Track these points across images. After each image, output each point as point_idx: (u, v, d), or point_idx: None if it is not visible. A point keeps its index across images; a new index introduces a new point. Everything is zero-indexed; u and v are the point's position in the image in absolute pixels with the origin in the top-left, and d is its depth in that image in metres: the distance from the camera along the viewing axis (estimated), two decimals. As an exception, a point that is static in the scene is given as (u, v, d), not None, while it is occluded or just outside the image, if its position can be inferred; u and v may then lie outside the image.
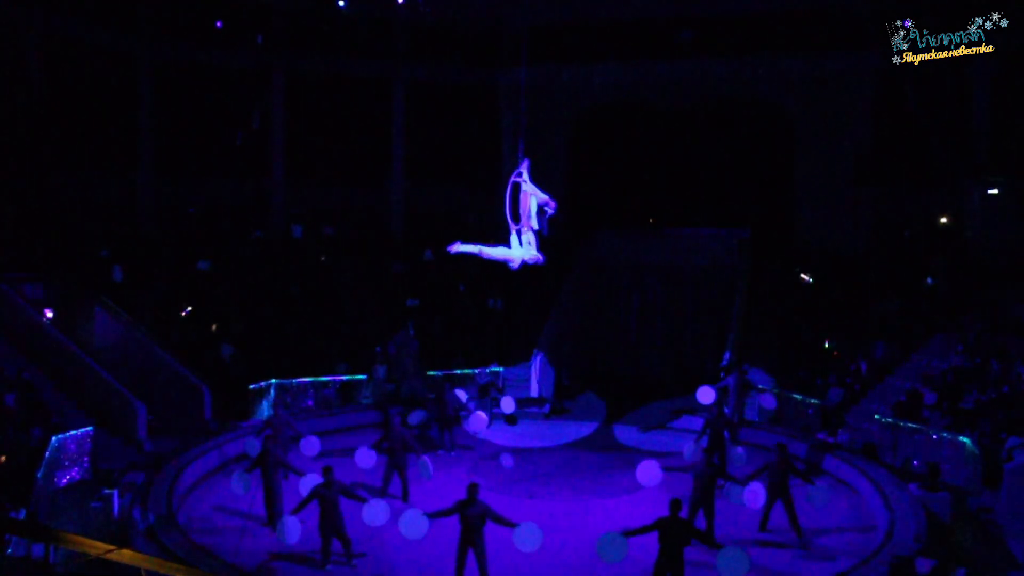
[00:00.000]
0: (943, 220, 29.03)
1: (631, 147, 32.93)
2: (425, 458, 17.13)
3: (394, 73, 32.68)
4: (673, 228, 30.43)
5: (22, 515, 14.01)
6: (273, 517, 15.06)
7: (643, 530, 12.36)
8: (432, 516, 13.05)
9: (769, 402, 20.47)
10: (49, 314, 21.79)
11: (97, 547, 6.98)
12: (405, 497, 16.71)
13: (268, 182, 31.71)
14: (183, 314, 24.45)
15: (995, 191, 27.22)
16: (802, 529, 14.83)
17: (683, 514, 12.87)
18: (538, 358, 25.20)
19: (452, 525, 13.00)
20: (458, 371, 24.94)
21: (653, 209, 32.72)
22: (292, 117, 31.83)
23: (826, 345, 24.14)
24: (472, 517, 12.73)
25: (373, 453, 17.14)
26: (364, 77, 32.39)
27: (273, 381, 22.38)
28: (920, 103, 28.67)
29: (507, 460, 17.97)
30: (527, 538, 12.67)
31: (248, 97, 31.55)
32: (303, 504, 13.96)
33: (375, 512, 13.79)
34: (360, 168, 32.95)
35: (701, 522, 14.58)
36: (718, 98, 31.74)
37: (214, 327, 24.63)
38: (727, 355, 24.57)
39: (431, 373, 24.66)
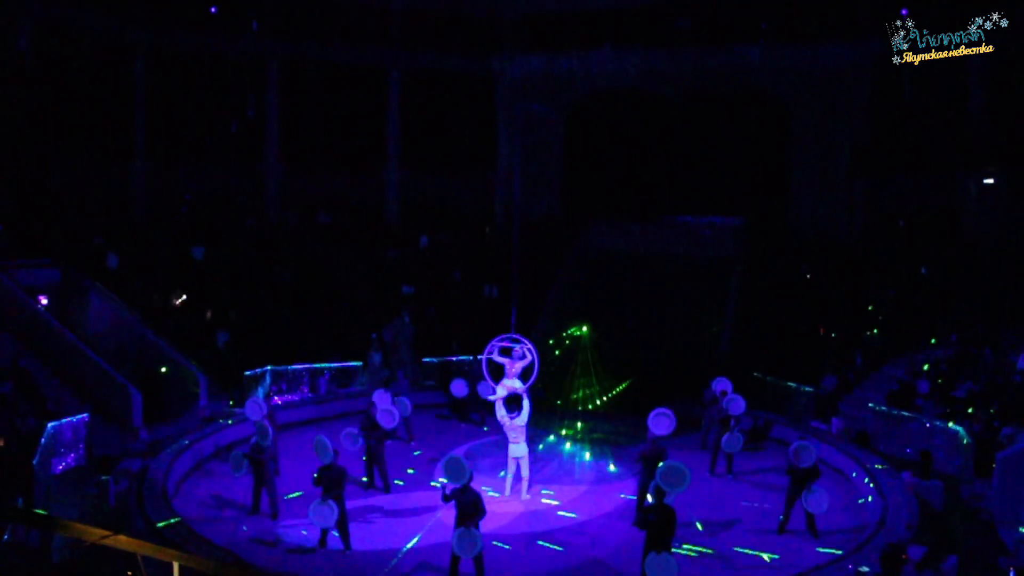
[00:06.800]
0: (939, 209, 29.08)
1: (627, 136, 32.87)
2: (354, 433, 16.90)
3: (390, 61, 32.57)
4: (669, 217, 30.41)
5: (19, 503, 14.03)
6: (273, 508, 15.23)
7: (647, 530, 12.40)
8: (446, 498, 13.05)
9: None
10: (44, 301, 21.75)
11: (93, 533, 7.00)
12: (387, 488, 16.75)
13: (263, 170, 31.61)
14: (177, 302, 24.42)
15: (991, 181, 27.24)
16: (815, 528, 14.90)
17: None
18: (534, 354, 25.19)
19: (448, 513, 13.06)
20: (454, 358, 24.95)
21: (649, 198, 32.67)
22: (287, 105, 31.73)
23: (821, 333, 24.21)
24: (467, 504, 12.78)
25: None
26: (360, 65, 32.28)
27: (268, 368, 22.38)
28: (917, 93, 28.67)
29: None
30: (465, 545, 12.50)
31: (243, 85, 31.45)
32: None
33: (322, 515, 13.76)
34: (355, 156, 32.87)
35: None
36: (715, 87, 31.68)
37: (209, 314, 24.61)
38: (723, 346, 24.64)
39: (426, 360, 24.70)
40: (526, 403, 16.68)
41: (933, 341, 22.30)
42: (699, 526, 14.98)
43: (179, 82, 30.21)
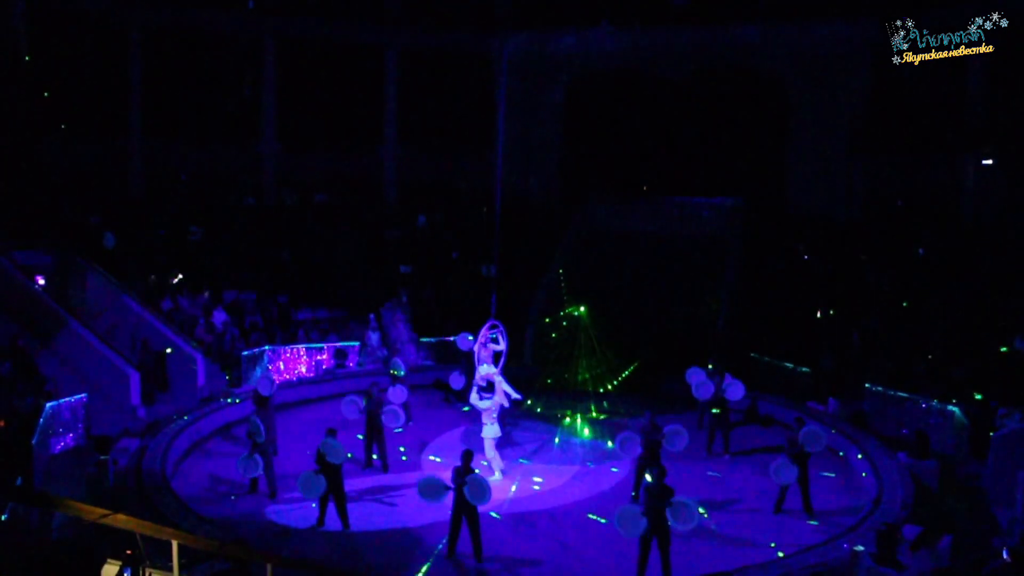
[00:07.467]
0: (937, 190, 29.05)
1: (626, 115, 32.76)
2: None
3: (387, 39, 32.41)
4: (667, 197, 30.37)
5: (18, 482, 14.08)
6: (271, 488, 15.33)
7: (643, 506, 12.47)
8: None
9: None
10: (41, 281, 21.71)
11: (92, 512, 7.05)
12: (385, 467, 16.81)
13: (260, 149, 31.52)
14: (174, 281, 24.40)
15: (989, 161, 27.18)
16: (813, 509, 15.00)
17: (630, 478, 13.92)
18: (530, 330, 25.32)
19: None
20: (451, 338, 24.95)
21: (647, 177, 32.64)
22: (284, 83, 31.58)
23: (818, 315, 24.24)
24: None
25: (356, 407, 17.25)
26: (357, 43, 32.11)
27: (266, 348, 22.41)
28: (915, 73, 28.54)
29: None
30: (477, 492, 12.74)
31: (239, 63, 31.31)
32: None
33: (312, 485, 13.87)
34: (353, 135, 32.76)
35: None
36: (713, 66, 31.55)
37: (207, 294, 24.60)
38: (720, 326, 24.68)
39: (424, 340, 24.73)
40: (503, 386, 16.81)
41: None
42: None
43: (175, 60, 30.06)
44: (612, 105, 32.88)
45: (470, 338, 19.19)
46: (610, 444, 18.52)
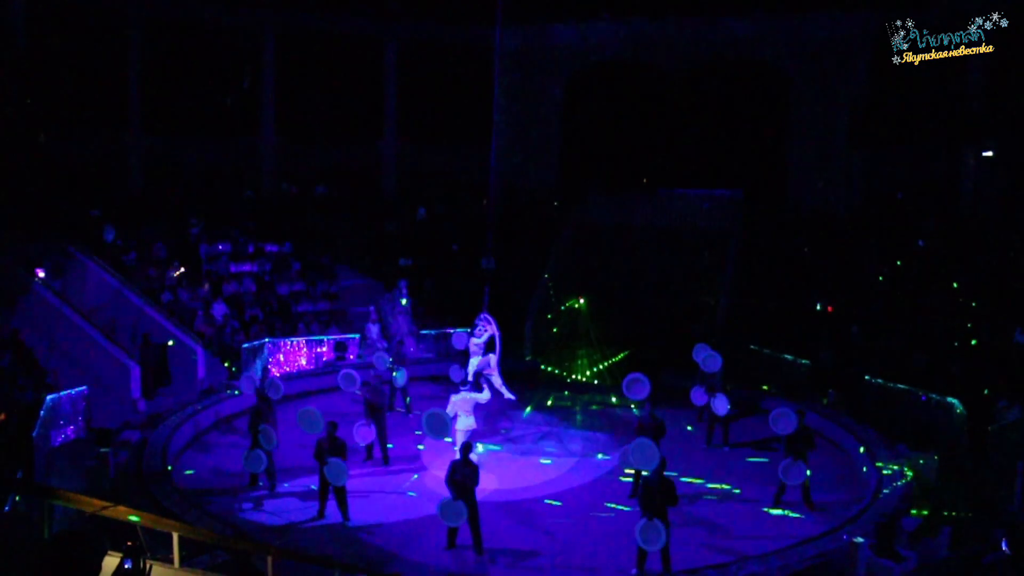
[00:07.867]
0: (938, 182, 29.03)
1: (626, 107, 32.73)
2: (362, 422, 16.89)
3: (387, 31, 32.36)
4: (666, 189, 30.36)
5: (19, 475, 14.10)
6: (271, 480, 15.34)
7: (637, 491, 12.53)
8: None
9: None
10: (41, 274, 21.71)
11: (93, 504, 7.06)
12: (386, 459, 16.83)
13: (260, 142, 31.48)
14: (175, 275, 24.39)
15: (990, 153, 27.16)
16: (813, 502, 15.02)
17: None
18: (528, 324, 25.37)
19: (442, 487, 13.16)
20: (451, 330, 24.95)
21: (646, 170, 32.61)
22: (283, 75, 31.51)
23: (817, 307, 24.25)
24: (465, 477, 12.86)
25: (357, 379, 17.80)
26: (356, 35, 32.06)
27: (266, 340, 22.42)
28: (915, 67, 28.47)
29: None
30: (450, 514, 12.74)
31: (239, 55, 31.22)
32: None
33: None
34: (352, 127, 32.73)
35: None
36: (713, 59, 31.51)
37: (206, 286, 24.59)
38: (719, 318, 24.69)
39: (424, 332, 24.75)
40: (497, 385, 16.97)
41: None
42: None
43: (174, 54, 29.98)
44: (611, 97, 32.84)
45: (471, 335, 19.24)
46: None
